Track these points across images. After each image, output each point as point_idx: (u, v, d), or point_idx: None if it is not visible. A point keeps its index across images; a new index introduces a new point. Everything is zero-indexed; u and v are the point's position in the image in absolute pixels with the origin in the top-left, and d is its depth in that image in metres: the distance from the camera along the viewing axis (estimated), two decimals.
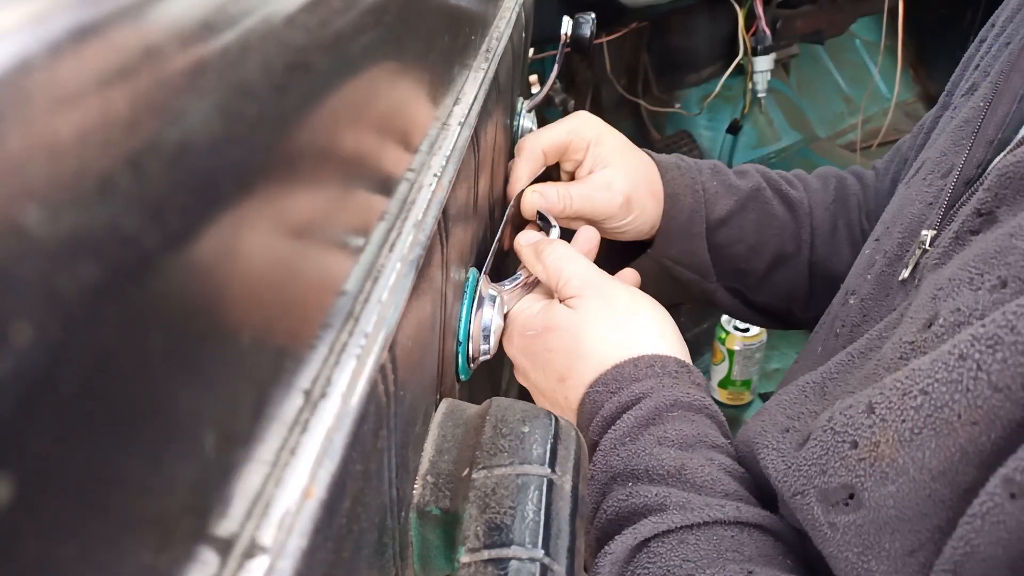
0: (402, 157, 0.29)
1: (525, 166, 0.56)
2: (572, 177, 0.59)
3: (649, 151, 0.61)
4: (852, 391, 0.35)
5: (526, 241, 0.51)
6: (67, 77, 0.12)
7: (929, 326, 0.31)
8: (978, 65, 0.49)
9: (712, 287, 0.63)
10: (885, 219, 0.49)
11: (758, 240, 0.62)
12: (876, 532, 0.30)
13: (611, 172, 0.57)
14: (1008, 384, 0.26)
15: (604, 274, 0.47)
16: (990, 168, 0.36)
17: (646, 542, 0.36)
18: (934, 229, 0.39)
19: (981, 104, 0.42)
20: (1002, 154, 0.35)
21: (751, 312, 0.67)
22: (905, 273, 0.40)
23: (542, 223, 0.56)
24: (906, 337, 0.33)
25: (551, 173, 0.59)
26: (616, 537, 0.37)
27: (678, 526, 0.36)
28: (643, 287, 0.68)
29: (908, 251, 0.42)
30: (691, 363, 0.44)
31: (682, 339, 0.46)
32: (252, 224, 0.17)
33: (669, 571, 0.35)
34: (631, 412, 0.40)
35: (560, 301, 0.46)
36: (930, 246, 0.39)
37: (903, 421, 0.30)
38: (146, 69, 0.13)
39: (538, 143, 0.57)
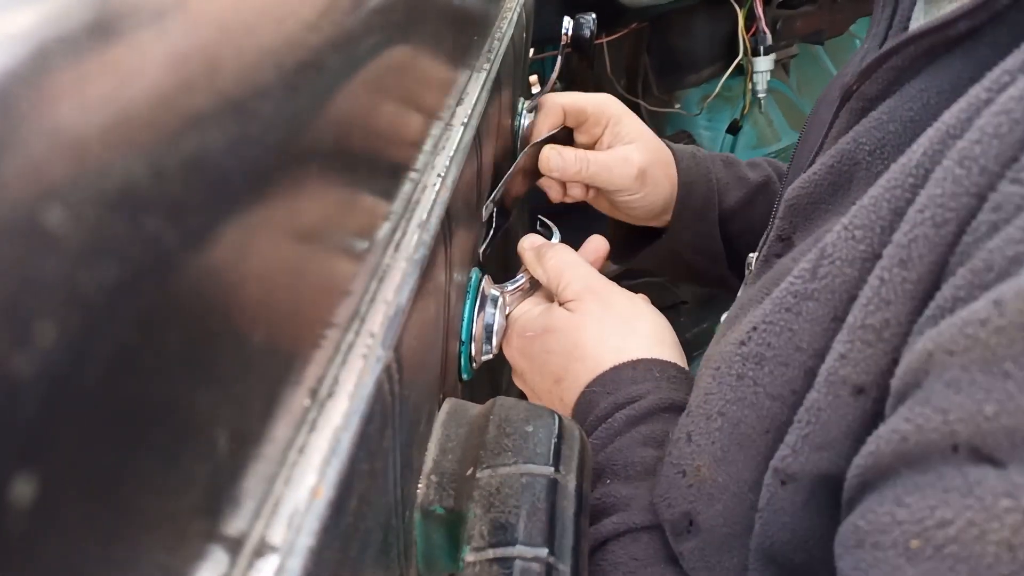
0: (406, 157, 0.30)
1: (544, 119, 0.57)
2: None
3: (666, 140, 0.62)
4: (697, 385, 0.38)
5: (529, 245, 0.51)
6: (84, 77, 0.12)
7: (742, 344, 0.34)
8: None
9: (725, 273, 0.64)
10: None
11: (766, 229, 0.63)
12: (715, 553, 0.33)
13: (629, 148, 0.58)
14: (780, 392, 0.30)
15: (605, 280, 0.48)
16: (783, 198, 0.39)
17: (605, 542, 0.37)
18: (756, 252, 0.44)
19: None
20: (792, 185, 0.39)
21: None
22: (740, 292, 0.44)
23: (543, 228, 0.56)
24: (717, 347, 0.37)
25: (566, 143, 0.60)
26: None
27: (637, 526, 0.37)
28: (657, 270, 0.69)
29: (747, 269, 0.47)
30: (678, 358, 0.45)
31: (680, 347, 0.46)
32: (263, 224, 0.17)
33: (616, 568, 0.36)
34: (624, 411, 0.41)
35: (560, 305, 0.46)
36: (751, 267, 0.44)
37: (712, 443, 0.33)
38: (162, 69, 0.13)
39: (560, 100, 0.58)
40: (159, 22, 0.14)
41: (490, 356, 0.44)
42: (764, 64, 1.45)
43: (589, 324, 0.44)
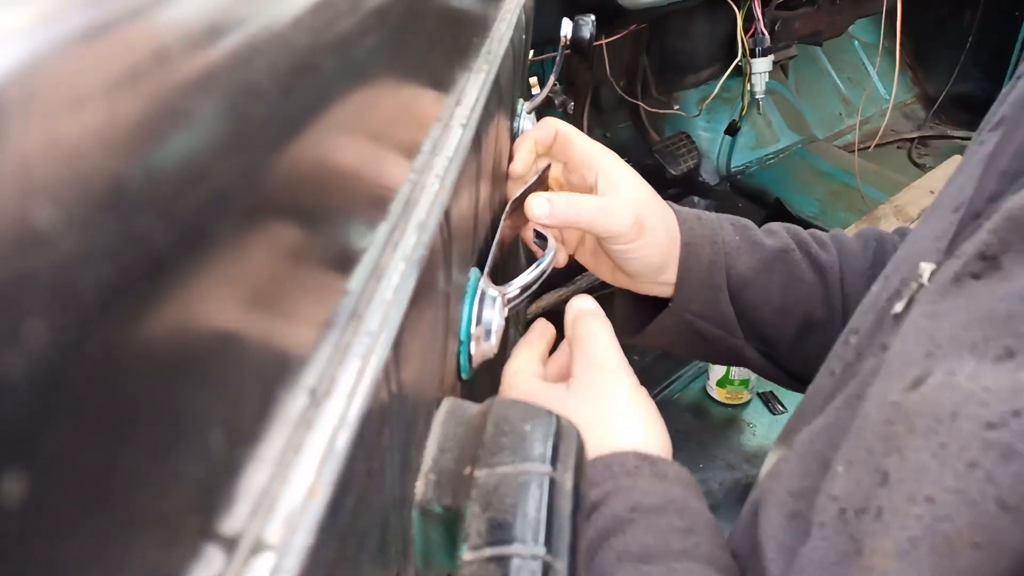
0: (405, 158, 0.30)
1: (535, 130, 0.55)
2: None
3: (669, 202, 0.59)
4: (850, 460, 0.32)
5: (578, 305, 0.48)
6: (78, 78, 0.12)
7: (917, 386, 0.29)
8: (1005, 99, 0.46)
9: (740, 344, 0.59)
10: (897, 256, 0.46)
11: (784, 303, 0.58)
12: None
13: (626, 194, 0.54)
14: (1019, 504, 0.24)
15: (620, 362, 0.45)
16: (999, 205, 0.32)
17: None
18: (934, 264, 0.36)
19: (1000, 133, 0.39)
20: (1014, 192, 0.32)
21: (785, 376, 0.62)
22: (899, 307, 0.37)
23: (539, 241, 0.55)
24: (891, 395, 0.30)
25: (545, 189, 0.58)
26: None
27: None
28: (668, 344, 0.62)
29: (907, 285, 0.39)
30: (663, 450, 0.41)
31: (664, 430, 0.43)
32: (259, 223, 0.17)
33: None
34: (591, 522, 0.38)
35: (567, 377, 0.45)
36: (928, 281, 0.36)
37: (903, 528, 0.27)
38: (155, 70, 0.13)
39: (556, 122, 0.55)
40: (152, 21, 0.14)
41: (489, 356, 0.44)
42: (763, 65, 1.45)
43: (579, 411, 0.41)
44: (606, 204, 0.53)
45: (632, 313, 0.62)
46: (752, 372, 1.10)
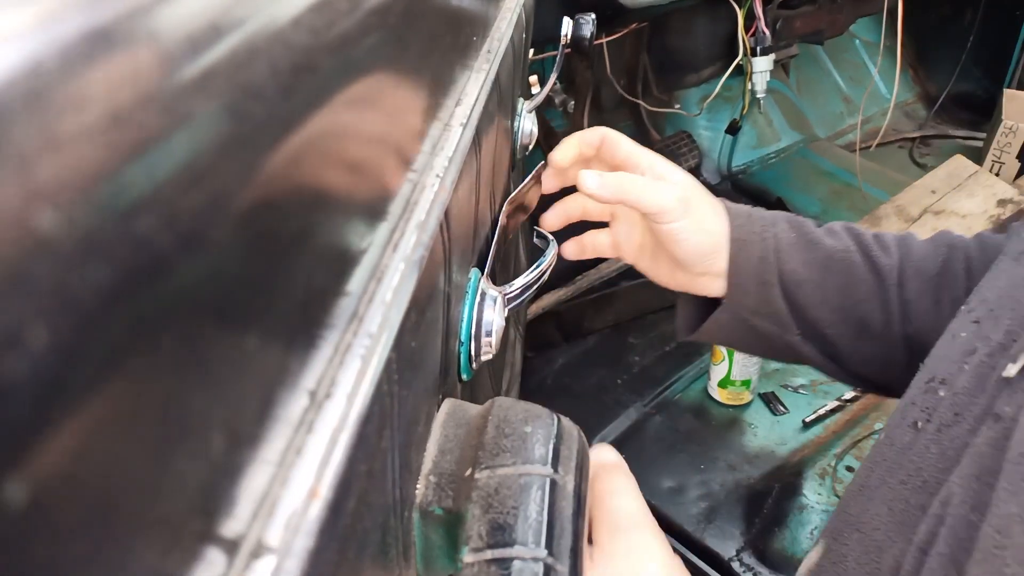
0: (405, 158, 0.30)
1: (562, 151, 0.56)
2: None
3: (722, 199, 0.59)
4: (982, 564, 0.30)
5: (598, 458, 0.43)
6: (78, 79, 0.12)
7: None
8: None
9: (796, 340, 0.58)
10: (988, 298, 0.43)
11: (841, 304, 0.57)
12: None
13: (671, 179, 0.55)
14: None
15: (648, 524, 0.41)
16: None
17: None
18: None
19: None
20: None
21: (847, 375, 0.61)
22: (1012, 370, 0.35)
23: (540, 240, 0.55)
24: None
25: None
26: None
27: None
28: (725, 341, 0.62)
29: (1017, 343, 0.36)
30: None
31: None
32: (258, 225, 0.17)
33: None
34: None
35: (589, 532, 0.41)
36: None
37: None
38: (156, 71, 0.13)
39: (576, 134, 0.56)
40: (153, 24, 0.14)
41: (490, 356, 0.44)
42: (763, 64, 1.45)
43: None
44: (653, 182, 0.54)
45: (690, 313, 0.62)
46: (752, 374, 1.10)
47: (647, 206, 0.54)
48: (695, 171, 1.61)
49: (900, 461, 0.39)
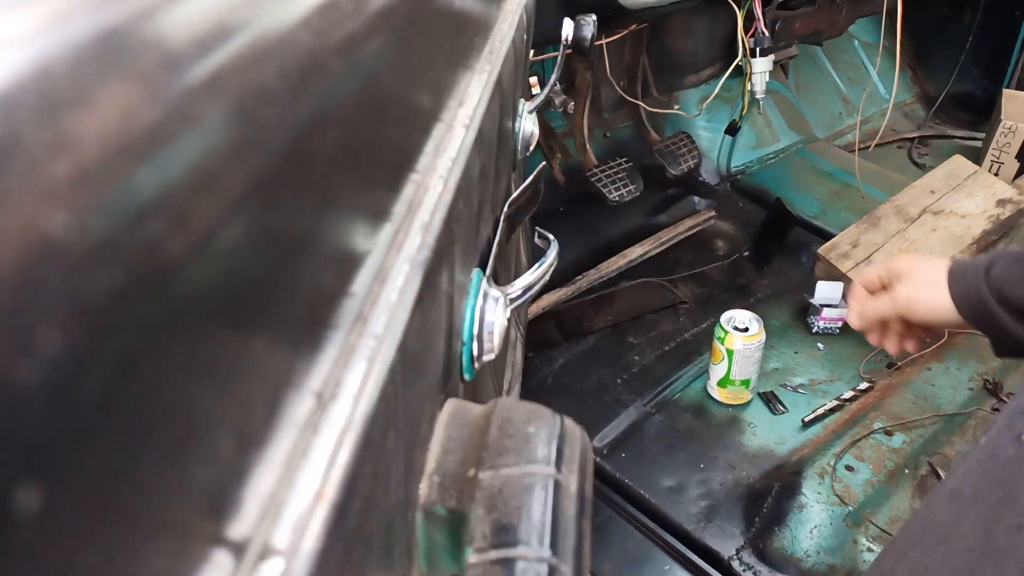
0: (408, 159, 0.30)
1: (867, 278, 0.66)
2: None
3: (953, 258, 0.63)
4: None
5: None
6: (88, 82, 0.12)
7: None
8: None
9: None
10: None
11: None
12: None
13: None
14: None
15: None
16: None
17: None
18: None
19: None
20: None
21: None
22: None
23: (541, 240, 0.55)
24: None
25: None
26: None
27: None
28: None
29: None
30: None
31: None
32: (265, 227, 0.17)
33: None
34: None
35: None
36: None
37: None
38: (164, 73, 0.13)
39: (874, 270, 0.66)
40: (160, 25, 0.14)
41: (492, 356, 0.44)
42: (763, 65, 1.45)
43: None
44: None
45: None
46: (751, 373, 1.10)
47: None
48: (694, 171, 1.61)
49: (1000, 477, 0.38)
